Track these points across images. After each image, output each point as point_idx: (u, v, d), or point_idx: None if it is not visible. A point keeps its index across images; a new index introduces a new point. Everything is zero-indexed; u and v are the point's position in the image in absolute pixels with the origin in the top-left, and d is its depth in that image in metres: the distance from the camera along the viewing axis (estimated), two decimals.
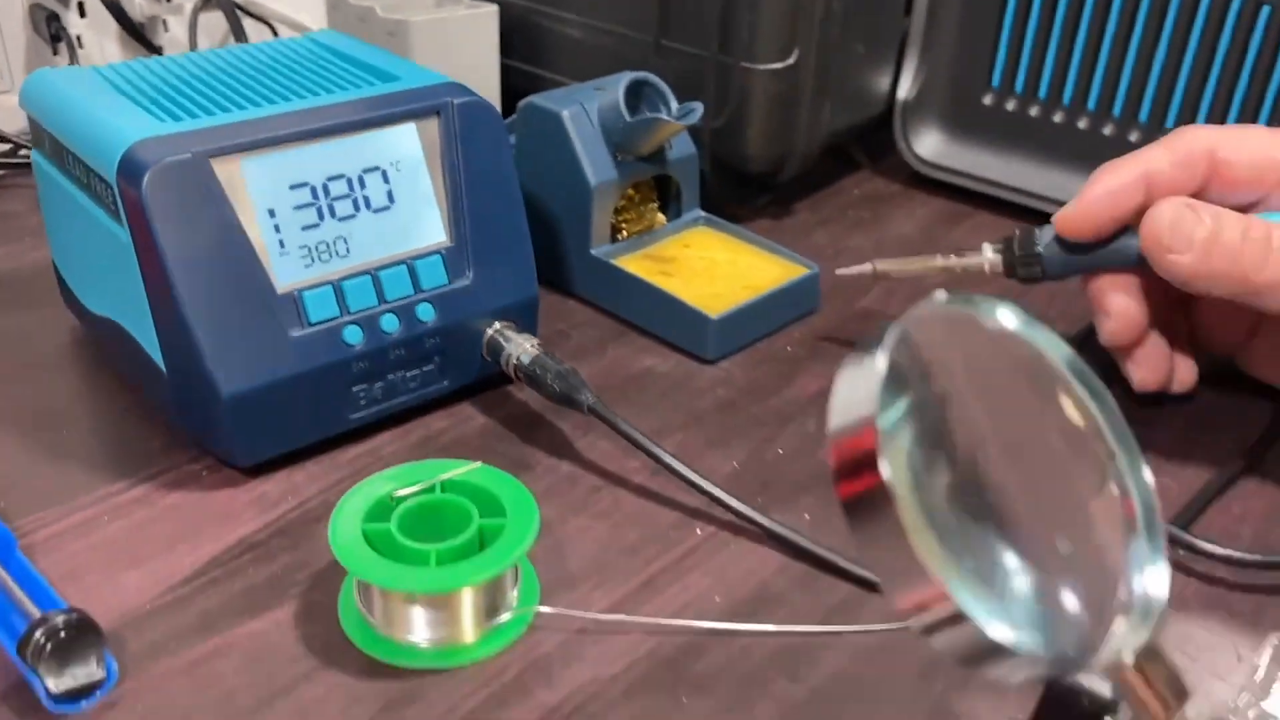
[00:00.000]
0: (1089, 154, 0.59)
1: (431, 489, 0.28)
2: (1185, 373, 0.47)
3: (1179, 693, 0.20)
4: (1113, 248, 0.45)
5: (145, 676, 0.34)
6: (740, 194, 0.65)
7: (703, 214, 0.59)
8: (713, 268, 0.55)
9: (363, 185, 0.43)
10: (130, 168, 0.38)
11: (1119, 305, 0.45)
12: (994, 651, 0.19)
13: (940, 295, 0.21)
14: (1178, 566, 0.40)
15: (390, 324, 0.43)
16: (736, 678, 0.35)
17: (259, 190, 0.41)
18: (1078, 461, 0.21)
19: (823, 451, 0.45)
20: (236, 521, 0.40)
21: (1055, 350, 0.22)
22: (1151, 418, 0.48)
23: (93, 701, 0.33)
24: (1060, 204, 0.46)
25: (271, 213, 0.41)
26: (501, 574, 0.34)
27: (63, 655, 0.32)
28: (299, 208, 0.42)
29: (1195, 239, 0.40)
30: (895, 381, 0.20)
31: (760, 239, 0.57)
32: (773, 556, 0.40)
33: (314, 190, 0.42)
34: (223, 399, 0.40)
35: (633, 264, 0.55)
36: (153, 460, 0.43)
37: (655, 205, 0.58)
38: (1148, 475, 0.21)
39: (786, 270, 0.55)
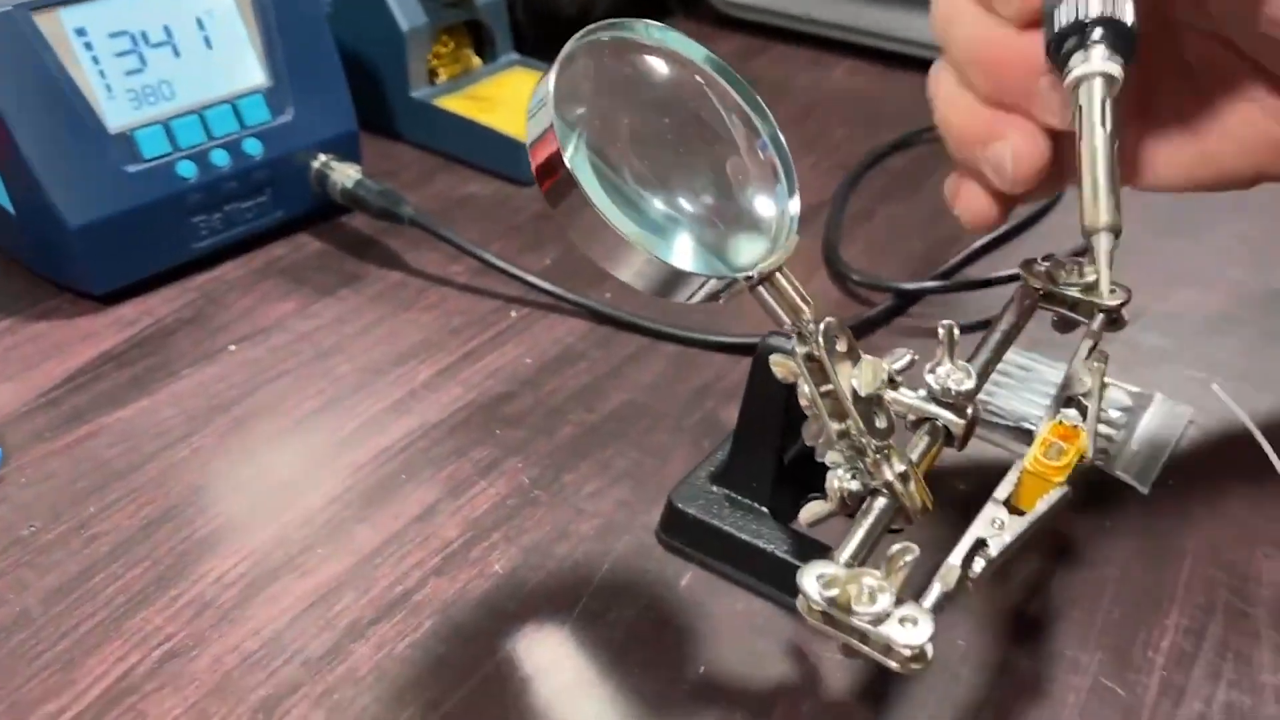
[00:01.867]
0: None
1: None
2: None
3: (805, 301, 0.27)
4: None
5: (28, 457, 0.39)
6: (555, 37, 0.70)
7: (517, 56, 0.64)
8: (526, 103, 0.61)
9: (179, 32, 0.47)
10: None
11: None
12: (675, 276, 0.26)
13: (597, 26, 0.27)
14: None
15: (220, 158, 0.48)
16: (542, 414, 0.42)
17: (81, 39, 0.44)
18: (729, 134, 0.28)
19: None
20: (98, 339, 0.45)
21: (695, 52, 0.28)
22: None
23: None
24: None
25: (95, 60, 0.45)
26: None
27: None
28: (121, 54, 0.46)
29: None
30: (568, 97, 0.26)
31: None
32: (578, 326, 0.47)
33: (133, 38, 0.46)
34: (71, 231, 0.44)
35: (451, 103, 0.60)
36: (14, 301, 0.47)
37: (470, 50, 0.63)
38: (781, 137, 0.28)
39: None
